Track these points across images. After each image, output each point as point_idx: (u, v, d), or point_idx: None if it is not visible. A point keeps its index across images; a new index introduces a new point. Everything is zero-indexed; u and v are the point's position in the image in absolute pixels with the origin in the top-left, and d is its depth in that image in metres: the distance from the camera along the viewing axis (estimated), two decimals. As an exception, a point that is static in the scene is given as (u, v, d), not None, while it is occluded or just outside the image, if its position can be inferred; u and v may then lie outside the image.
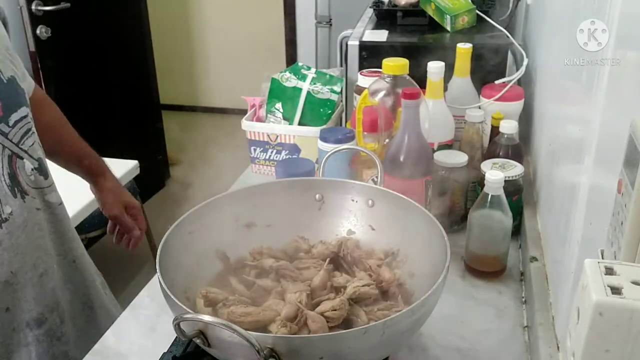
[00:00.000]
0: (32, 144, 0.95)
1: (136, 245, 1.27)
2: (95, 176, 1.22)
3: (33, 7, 2.44)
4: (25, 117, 0.94)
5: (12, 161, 0.90)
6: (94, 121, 2.36)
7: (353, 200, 0.95)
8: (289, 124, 1.39)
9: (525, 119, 1.35)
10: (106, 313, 1.15)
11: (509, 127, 1.13)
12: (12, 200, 0.90)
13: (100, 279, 1.19)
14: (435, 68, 1.13)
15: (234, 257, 0.91)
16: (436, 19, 1.51)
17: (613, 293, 0.41)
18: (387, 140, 1.11)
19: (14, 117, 0.91)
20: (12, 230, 0.90)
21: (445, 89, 1.19)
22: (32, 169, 0.95)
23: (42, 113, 1.06)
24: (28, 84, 1.03)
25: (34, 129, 0.96)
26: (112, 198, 1.22)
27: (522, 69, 1.26)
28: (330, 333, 0.73)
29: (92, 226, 2.15)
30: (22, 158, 0.92)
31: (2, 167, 0.87)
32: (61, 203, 1.04)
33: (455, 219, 1.13)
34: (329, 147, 1.15)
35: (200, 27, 4.22)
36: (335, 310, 0.75)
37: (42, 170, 0.98)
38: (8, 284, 0.92)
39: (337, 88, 1.39)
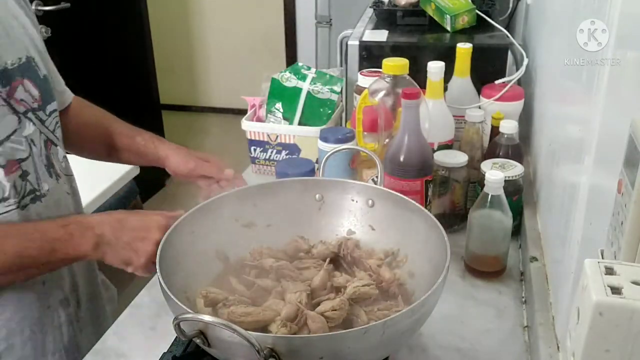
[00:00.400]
0: (60, 137, 1.03)
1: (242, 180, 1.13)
2: (157, 143, 1.16)
3: (33, 7, 2.44)
4: (56, 110, 1.01)
5: (47, 146, 0.98)
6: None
7: (353, 200, 0.95)
8: (289, 124, 1.39)
9: (525, 119, 1.35)
10: (103, 312, 1.15)
11: (509, 127, 1.13)
12: (49, 180, 0.97)
13: (101, 277, 1.19)
14: (435, 68, 1.13)
15: (234, 257, 0.91)
16: (436, 19, 1.51)
17: (613, 293, 0.41)
18: (387, 140, 1.11)
19: (49, 108, 0.99)
20: (48, 206, 0.97)
21: (445, 89, 1.19)
22: (63, 157, 1.03)
23: (83, 112, 1.16)
24: (61, 93, 1.11)
25: (60, 123, 1.03)
26: (185, 152, 1.15)
27: (522, 69, 1.26)
28: (330, 333, 0.73)
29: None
30: (56, 145, 1.00)
31: (40, 149, 0.96)
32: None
33: (455, 219, 1.13)
34: (329, 147, 1.15)
35: (200, 27, 4.22)
36: (335, 310, 0.75)
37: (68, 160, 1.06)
38: None
39: (337, 88, 1.39)
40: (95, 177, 1.85)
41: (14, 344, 0.95)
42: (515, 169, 1.06)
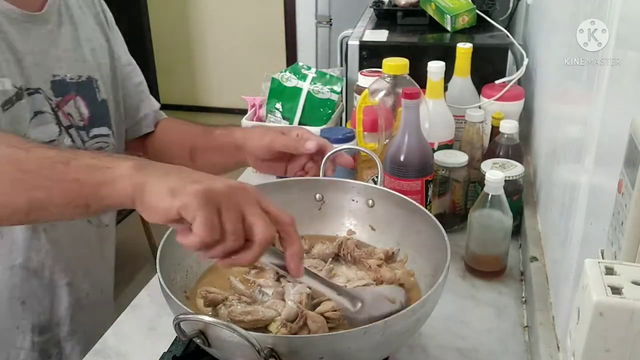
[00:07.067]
0: None
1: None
2: (232, 129, 1.08)
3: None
4: (103, 135, 1.02)
5: None
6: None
7: (353, 200, 0.95)
8: (289, 124, 1.39)
9: (526, 119, 1.35)
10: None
11: (509, 127, 1.13)
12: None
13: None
14: (435, 68, 1.12)
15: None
16: (436, 19, 1.51)
17: (613, 293, 0.41)
18: (387, 140, 1.11)
19: (94, 131, 1.00)
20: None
21: (446, 88, 1.18)
22: None
23: (168, 134, 1.17)
24: (137, 122, 1.13)
25: (105, 149, 1.03)
26: (262, 129, 1.05)
27: (522, 69, 1.26)
28: (330, 333, 0.73)
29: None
30: None
31: None
32: (107, 225, 1.11)
33: (455, 219, 1.13)
34: (329, 147, 1.15)
35: (200, 26, 4.22)
36: (335, 310, 0.75)
37: None
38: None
39: (337, 88, 1.39)
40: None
41: None
42: (515, 169, 1.06)
